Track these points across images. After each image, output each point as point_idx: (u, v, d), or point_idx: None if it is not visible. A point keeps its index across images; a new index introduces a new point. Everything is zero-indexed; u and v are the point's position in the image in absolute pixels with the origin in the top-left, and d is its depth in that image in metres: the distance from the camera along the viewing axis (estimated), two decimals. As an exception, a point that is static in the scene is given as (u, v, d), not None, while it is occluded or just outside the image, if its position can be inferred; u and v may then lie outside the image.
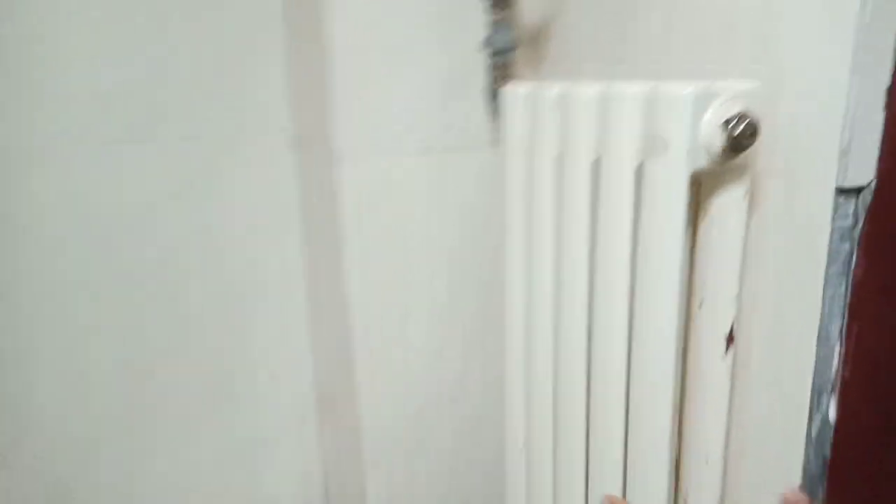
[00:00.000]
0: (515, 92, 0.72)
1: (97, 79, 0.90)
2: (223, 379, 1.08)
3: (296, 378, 1.12)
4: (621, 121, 0.58)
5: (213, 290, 1.04)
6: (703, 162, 0.54)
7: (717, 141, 0.53)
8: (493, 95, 0.83)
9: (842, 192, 0.54)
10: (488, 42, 0.80)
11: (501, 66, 0.82)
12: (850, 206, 0.55)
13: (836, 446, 0.60)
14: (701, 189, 0.60)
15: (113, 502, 1.05)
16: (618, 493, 0.66)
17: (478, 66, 0.86)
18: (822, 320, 0.57)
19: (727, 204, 0.59)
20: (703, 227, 0.61)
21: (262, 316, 1.08)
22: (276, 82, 1.01)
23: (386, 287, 0.89)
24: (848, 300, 0.57)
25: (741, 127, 0.53)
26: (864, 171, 0.54)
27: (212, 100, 0.97)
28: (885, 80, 0.52)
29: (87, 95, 0.90)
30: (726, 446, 0.63)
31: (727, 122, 0.53)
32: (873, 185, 0.54)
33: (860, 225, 0.56)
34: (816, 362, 0.58)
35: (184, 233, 1.01)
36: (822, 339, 0.58)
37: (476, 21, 0.84)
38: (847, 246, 0.56)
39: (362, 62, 0.81)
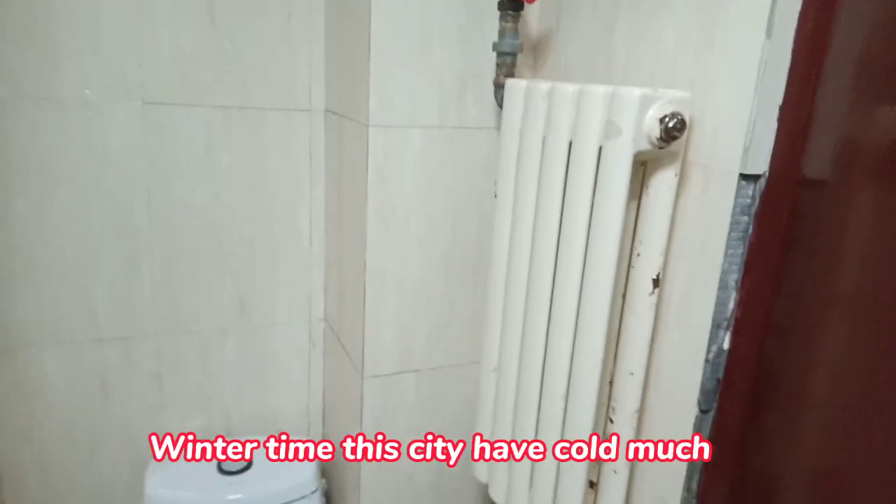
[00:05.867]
0: (516, 84, 0.92)
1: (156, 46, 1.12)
2: (248, 304, 1.28)
3: (308, 309, 1.33)
4: (590, 111, 0.78)
5: (247, 230, 1.25)
6: (644, 145, 0.75)
7: (655, 131, 0.74)
8: (499, 87, 1.03)
9: (744, 177, 0.75)
10: (498, 45, 1.01)
11: (507, 65, 1.02)
12: (749, 188, 0.75)
13: (727, 369, 0.81)
14: (646, 169, 0.81)
15: (144, 394, 1.25)
16: (561, 396, 0.86)
17: (489, 63, 1.07)
18: (722, 273, 0.78)
19: (662, 181, 0.79)
20: (645, 198, 0.81)
21: (285, 255, 1.28)
22: (315, 63, 1.22)
23: (398, 232, 1.09)
24: (743, 259, 0.78)
25: (673, 122, 0.73)
26: (761, 164, 0.75)
27: (254, 77, 1.19)
28: (778, 100, 0.73)
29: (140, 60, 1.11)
30: (647, 364, 0.84)
31: (663, 117, 0.73)
32: (766, 174, 0.75)
33: (756, 203, 0.76)
34: (716, 304, 0.79)
35: (223, 182, 1.21)
36: (722, 287, 0.78)
37: (490, 28, 1.04)
38: (745, 218, 0.76)
39: (393, 52, 1.01)
